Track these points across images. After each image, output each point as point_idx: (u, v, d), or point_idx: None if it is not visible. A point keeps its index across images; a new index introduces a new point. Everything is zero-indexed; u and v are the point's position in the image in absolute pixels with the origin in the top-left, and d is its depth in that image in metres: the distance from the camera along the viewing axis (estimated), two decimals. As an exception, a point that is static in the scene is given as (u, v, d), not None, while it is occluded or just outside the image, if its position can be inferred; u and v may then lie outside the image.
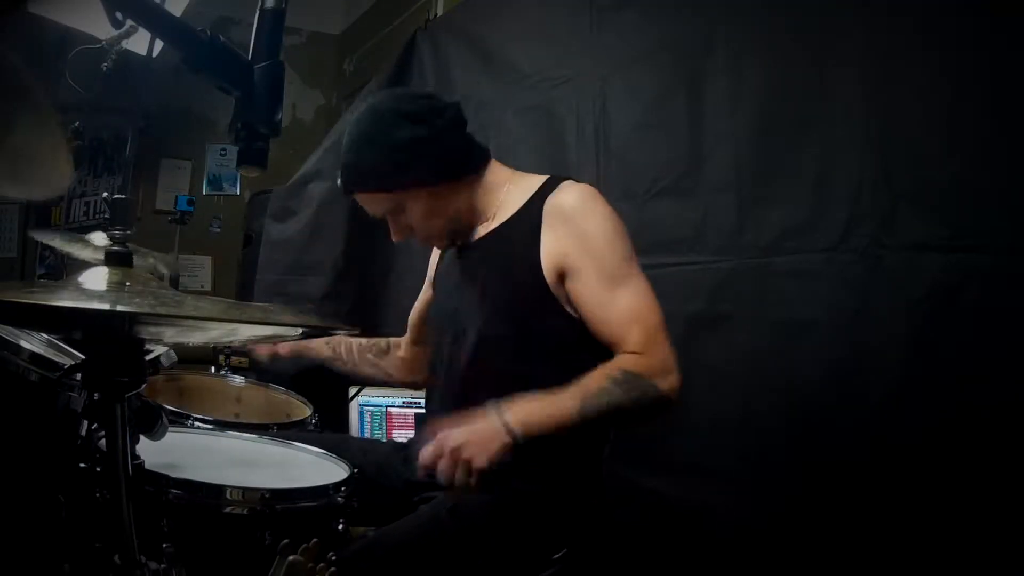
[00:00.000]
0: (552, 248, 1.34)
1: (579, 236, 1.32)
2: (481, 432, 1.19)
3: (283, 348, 1.84)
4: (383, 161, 1.36)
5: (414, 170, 1.36)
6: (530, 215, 1.38)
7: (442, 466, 1.16)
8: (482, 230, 1.46)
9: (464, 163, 1.43)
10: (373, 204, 1.43)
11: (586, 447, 1.41)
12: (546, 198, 1.37)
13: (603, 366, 1.28)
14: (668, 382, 1.27)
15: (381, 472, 1.46)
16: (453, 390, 1.44)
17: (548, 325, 1.35)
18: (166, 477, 1.05)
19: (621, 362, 1.28)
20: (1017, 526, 1.23)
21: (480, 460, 1.15)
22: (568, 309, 1.34)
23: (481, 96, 2.49)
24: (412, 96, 1.44)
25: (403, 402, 2.33)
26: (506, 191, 1.44)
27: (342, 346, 1.81)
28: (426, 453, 1.18)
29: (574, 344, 1.34)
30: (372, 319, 2.81)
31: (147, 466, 1.00)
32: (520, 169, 1.51)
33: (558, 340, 1.35)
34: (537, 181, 1.43)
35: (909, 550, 1.36)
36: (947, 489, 1.31)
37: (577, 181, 1.43)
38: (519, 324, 1.36)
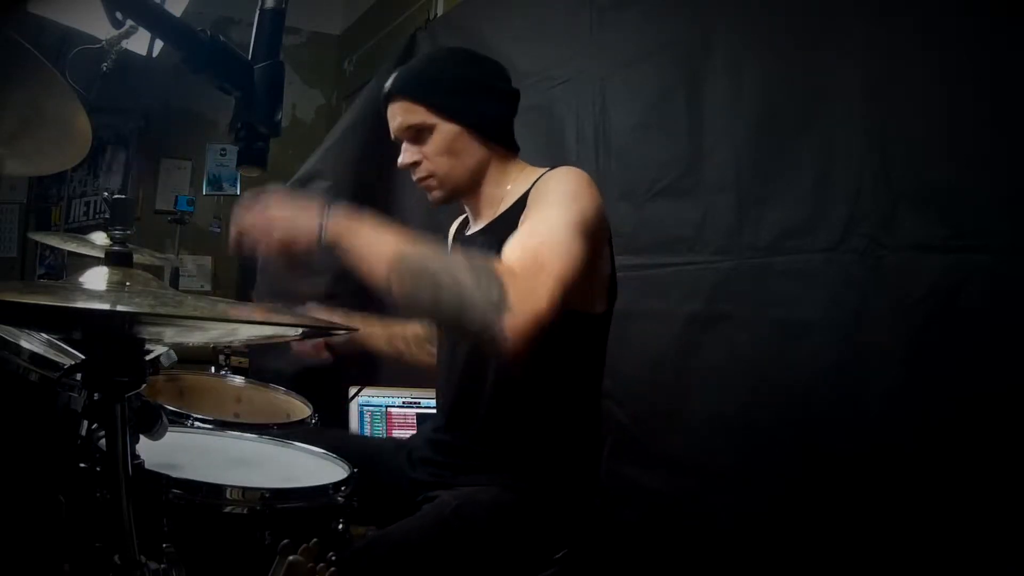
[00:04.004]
0: None
1: (540, 194, 1.31)
2: (297, 220, 1.17)
3: (328, 345, 1.79)
4: (441, 79, 1.41)
5: (462, 101, 1.40)
6: (521, 206, 1.36)
7: (253, 235, 1.20)
8: (484, 220, 1.47)
9: (500, 132, 1.46)
10: (405, 115, 1.42)
11: (583, 446, 1.41)
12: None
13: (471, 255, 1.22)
14: (526, 307, 1.04)
15: (382, 471, 1.46)
16: (453, 380, 1.45)
17: None
18: (166, 477, 1.05)
19: (490, 261, 1.13)
20: (1016, 526, 1.23)
21: (283, 244, 1.17)
22: None
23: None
24: (489, 57, 1.50)
25: (403, 402, 2.32)
26: (513, 181, 1.45)
27: (401, 342, 1.77)
28: (243, 216, 1.20)
29: (563, 338, 1.31)
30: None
31: (147, 466, 0.99)
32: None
33: (548, 334, 1.33)
34: (537, 173, 1.42)
35: (908, 549, 1.36)
36: (946, 489, 1.31)
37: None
38: None
